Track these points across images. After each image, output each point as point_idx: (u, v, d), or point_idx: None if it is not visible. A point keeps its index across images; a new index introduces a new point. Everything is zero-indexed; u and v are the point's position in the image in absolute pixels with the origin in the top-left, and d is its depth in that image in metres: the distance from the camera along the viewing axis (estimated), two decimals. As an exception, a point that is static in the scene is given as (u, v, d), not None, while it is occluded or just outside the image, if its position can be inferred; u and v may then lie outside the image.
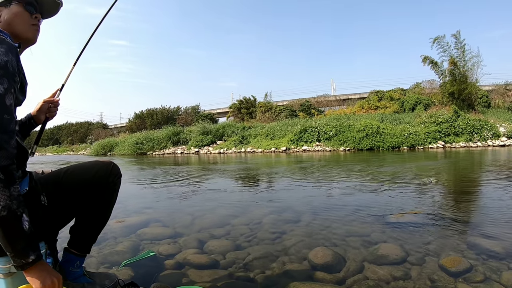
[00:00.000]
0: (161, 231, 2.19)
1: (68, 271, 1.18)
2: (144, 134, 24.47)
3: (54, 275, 0.83)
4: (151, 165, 9.85)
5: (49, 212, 0.99)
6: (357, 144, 14.73)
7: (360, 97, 27.79)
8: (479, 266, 1.44)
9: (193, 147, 19.92)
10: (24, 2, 0.99)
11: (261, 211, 2.73)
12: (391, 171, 5.72)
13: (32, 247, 0.79)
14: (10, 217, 0.73)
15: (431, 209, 2.63)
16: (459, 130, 14.75)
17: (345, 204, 2.89)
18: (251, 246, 1.84)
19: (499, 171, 5.06)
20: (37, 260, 0.80)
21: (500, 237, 1.83)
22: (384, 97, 23.75)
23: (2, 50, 0.81)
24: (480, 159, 7.99)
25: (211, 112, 33.14)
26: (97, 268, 1.56)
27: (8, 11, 0.97)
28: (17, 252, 0.76)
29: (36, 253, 0.80)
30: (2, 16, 0.96)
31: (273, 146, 16.56)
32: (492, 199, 2.95)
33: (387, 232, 2.01)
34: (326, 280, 1.38)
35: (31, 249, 0.78)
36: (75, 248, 1.19)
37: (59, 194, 1.05)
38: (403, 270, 1.44)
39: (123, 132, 32.48)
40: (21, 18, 0.98)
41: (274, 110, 25.32)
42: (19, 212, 0.75)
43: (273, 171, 6.57)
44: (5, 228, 0.73)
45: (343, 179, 4.71)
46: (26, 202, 0.88)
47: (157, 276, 1.46)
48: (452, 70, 18.11)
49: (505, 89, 22.16)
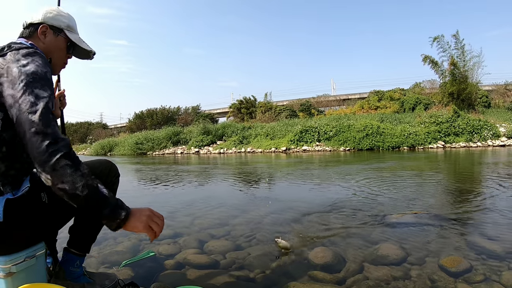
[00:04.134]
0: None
1: (68, 271, 1.18)
2: (144, 134, 24.43)
3: (150, 213, 0.91)
4: (151, 165, 9.85)
5: (50, 210, 1.00)
6: (357, 144, 14.73)
7: (360, 97, 27.77)
8: (479, 266, 1.44)
9: (193, 147, 19.91)
10: (69, 41, 1.11)
11: (261, 211, 2.73)
12: (391, 171, 5.72)
13: (118, 206, 0.85)
14: (91, 192, 0.80)
15: (431, 209, 2.63)
16: (459, 130, 14.75)
17: (345, 204, 2.89)
18: (251, 246, 1.84)
19: (499, 171, 5.05)
20: (128, 214, 0.86)
21: (500, 238, 1.83)
22: (384, 97, 23.74)
23: (41, 62, 0.89)
24: (479, 159, 7.99)
25: (211, 112, 33.13)
26: (97, 268, 1.55)
27: (53, 38, 1.08)
28: (108, 217, 0.83)
29: (125, 208, 0.86)
30: (47, 38, 1.07)
31: (273, 146, 16.55)
32: (492, 199, 2.94)
33: (387, 232, 2.01)
34: (326, 280, 1.38)
35: (119, 208, 0.85)
36: (75, 247, 1.19)
37: None
38: (403, 270, 1.44)
39: (123, 132, 32.46)
40: (59, 52, 1.10)
41: (274, 110, 25.30)
42: (95, 183, 0.82)
43: (273, 171, 6.57)
44: (91, 201, 0.80)
45: (343, 179, 4.71)
46: (27, 200, 0.90)
47: (157, 276, 1.46)
48: (453, 70, 18.10)
49: (505, 89, 22.16)
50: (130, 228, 0.87)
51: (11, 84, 0.82)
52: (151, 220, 0.90)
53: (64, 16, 1.12)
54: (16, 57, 0.87)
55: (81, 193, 0.78)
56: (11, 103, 0.81)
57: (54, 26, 1.08)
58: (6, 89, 0.83)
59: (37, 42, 1.05)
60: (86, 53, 1.18)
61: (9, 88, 0.82)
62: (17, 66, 0.84)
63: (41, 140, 0.77)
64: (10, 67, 0.85)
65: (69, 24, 1.12)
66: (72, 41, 1.11)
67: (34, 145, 0.77)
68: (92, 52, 1.19)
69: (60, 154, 0.78)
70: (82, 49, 1.16)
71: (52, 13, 1.09)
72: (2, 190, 0.87)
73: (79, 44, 1.13)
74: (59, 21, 1.10)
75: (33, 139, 0.77)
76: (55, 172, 0.77)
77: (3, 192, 0.87)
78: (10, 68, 0.84)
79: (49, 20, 1.08)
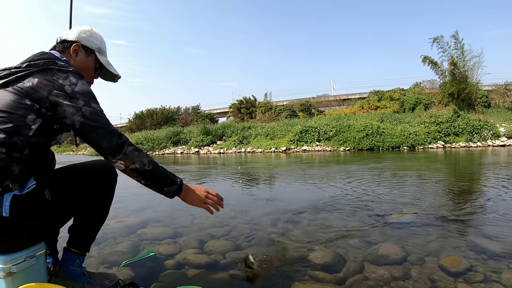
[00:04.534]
0: (161, 231, 2.19)
1: (68, 270, 1.18)
2: (144, 134, 24.45)
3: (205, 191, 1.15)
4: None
5: (52, 207, 1.01)
6: (357, 144, 14.73)
7: (360, 97, 27.77)
8: (479, 266, 1.44)
9: (193, 147, 19.92)
10: (98, 62, 1.20)
11: (261, 211, 2.73)
12: (391, 171, 5.72)
13: (174, 175, 1.08)
14: (154, 165, 1.03)
15: (431, 209, 2.63)
16: (459, 130, 14.75)
17: (345, 204, 2.88)
18: (251, 246, 1.84)
19: (499, 171, 5.06)
20: (182, 182, 1.09)
21: (500, 237, 1.83)
22: (384, 97, 23.74)
23: (84, 82, 1.03)
24: (479, 159, 7.99)
25: (211, 112, 33.13)
26: (97, 268, 1.55)
27: (84, 58, 1.17)
28: (168, 183, 1.06)
29: (179, 176, 1.10)
30: (78, 56, 1.15)
31: (273, 146, 16.55)
32: (492, 199, 2.94)
33: (387, 232, 2.01)
34: (326, 280, 1.38)
35: (174, 176, 1.08)
36: (75, 246, 1.20)
37: (61, 190, 1.07)
38: (403, 270, 1.44)
39: (123, 132, 32.36)
40: (87, 72, 1.18)
41: (274, 110, 25.30)
42: (155, 160, 1.05)
43: (273, 171, 6.57)
44: (156, 172, 1.03)
45: (343, 179, 4.71)
46: (32, 197, 0.93)
47: (157, 276, 1.46)
48: (452, 70, 18.10)
49: (505, 89, 22.17)
50: (190, 201, 1.12)
51: (67, 97, 0.96)
52: (206, 198, 1.13)
53: (97, 38, 1.21)
54: (64, 75, 0.99)
55: (148, 167, 1.01)
56: (73, 111, 0.96)
57: (86, 46, 1.17)
58: (63, 101, 0.95)
59: (69, 59, 1.13)
60: (111, 75, 1.27)
61: (66, 100, 0.96)
62: (69, 85, 0.98)
63: (111, 136, 0.98)
64: (63, 85, 0.97)
65: (100, 46, 1.21)
66: (101, 63, 1.20)
67: (107, 140, 0.97)
68: (118, 76, 1.29)
69: (127, 144, 1.00)
70: (108, 72, 1.24)
71: (86, 34, 1.18)
72: (11, 187, 0.89)
73: (107, 67, 1.22)
74: (92, 43, 1.19)
75: (106, 136, 0.98)
76: (126, 156, 0.98)
77: (12, 189, 0.89)
78: (63, 85, 0.97)
79: (83, 40, 1.17)
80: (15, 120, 0.91)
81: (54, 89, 0.95)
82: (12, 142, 0.90)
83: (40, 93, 0.94)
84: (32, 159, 0.96)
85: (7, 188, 0.88)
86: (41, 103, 0.94)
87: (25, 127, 0.92)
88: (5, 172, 0.89)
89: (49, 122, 0.97)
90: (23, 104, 0.93)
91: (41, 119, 0.95)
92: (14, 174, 0.90)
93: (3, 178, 0.88)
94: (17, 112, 0.92)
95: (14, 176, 0.90)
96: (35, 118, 0.94)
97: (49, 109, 0.96)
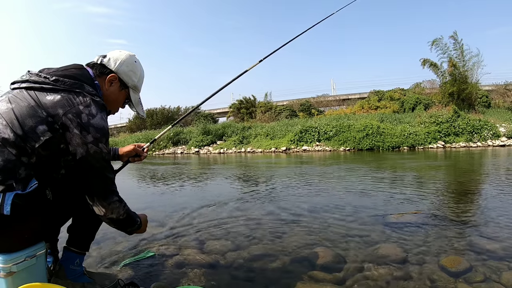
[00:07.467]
0: (161, 231, 2.19)
1: (68, 269, 1.18)
2: (144, 134, 24.44)
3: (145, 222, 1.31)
4: (150, 165, 9.84)
5: (53, 207, 1.02)
6: (357, 144, 14.72)
7: (360, 97, 27.73)
8: (479, 266, 1.44)
9: (193, 147, 19.91)
10: (129, 99, 1.22)
11: (261, 211, 2.73)
12: (391, 170, 5.72)
13: (136, 215, 1.19)
14: (127, 213, 1.10)
15: (431, 209, 2.64)
16: (459, 130, 14.74)
17: (345, 204, 2.89)
18: (251, 246, 1.85)
19: (499, 171, 5.06)
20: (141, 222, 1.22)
21: (500, 238, 1.83)
22: (384, 97, 23.71)
23: (104, 117, 1.03)
24: (479, 159, 7.99)
25: (211, 112, 33.09)
26: (97, 268, 1.56)
27: (116, 90, 1.16)
28: (132, 225, 1.16)
29: (138, 217, 1.21)
30: (112, 87, 1.15)
31: (273, 146, 16.55)
32: (492, 199, 2.94)
33: (387, 232, 2.01)
34: (326, 280, 1.38)
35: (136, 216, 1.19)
36: (74, 246, 1.20)
37: (62, 189, 1.07)
38: (403, 270, 1.44)
39: (123, 132, 32.40)
40: (115, 104, 1.20)
41: (274, 110, 25.28)
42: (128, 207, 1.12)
43: (273, 171, 6.57)
44: (126, 219, 1.11)
45: (342, 179, 4.71)
46: (34, 196, 0.93)
47: (157, 276, 1.46)
48: (452, 70, 18.09)
49: (505, 89, 22.13)
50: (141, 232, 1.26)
51: (79, 126, 0.95)
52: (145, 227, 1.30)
53: (136, 75, 1.20)
54: (88, 102, 0.98)
55: (122, 217, 1.08)
56: (79, 142, 0.96)
57: (123, 80, 1.16)
58: (74, 128, 0.95)
59: (102, 85, 1.13)
60: (137, 112, 1.28)
61: (77, 129, 0.95)
62: (87, 114, 0.97)
63: (104, 181, 1.02)
64: (82, 112, 0.96)
65: (136, 84, 1.21)
66: (131, 101, 1.22)
67: (98, 183, 1.01)
68: (143, 117, 1.33)
69: (114, 194, 1.05)
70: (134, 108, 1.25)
71: (127, 68, 1.16)
72: (14, 187, 0.90)
73: (135, 106, 1.24)
74: (129, 79, 1.18)
75: (98, 179, 1.01)
76: (109, 205, 1.03)
77: (15, 188, 0.90)
78: (81, 112, 0.96)
79: (121, 73, 1.16)
80: (27, 126, 0.91)
81: (71, 112, 0.95)
82: (22, 146, 0.91)
83: (56, 109, 0.94)
84: (39, 169, 0.96)
85: (10, 187, 0.89)
86: (55, 118, 0.94)
87: (34, 136, 0.92)
88: (12, 172, 0.89)
89: (58, 139, 0.95)
90: (38, 114, 0.93)
91: (51, 133, 0.94)
92: (20, 178, 0.91)
93: (9, 177, 0.88)
94: (30, 119, 0.92)
95: (18, 180, 0.91)
96: (46, 130, 0.93)
97: (60, 127, 0.95)
